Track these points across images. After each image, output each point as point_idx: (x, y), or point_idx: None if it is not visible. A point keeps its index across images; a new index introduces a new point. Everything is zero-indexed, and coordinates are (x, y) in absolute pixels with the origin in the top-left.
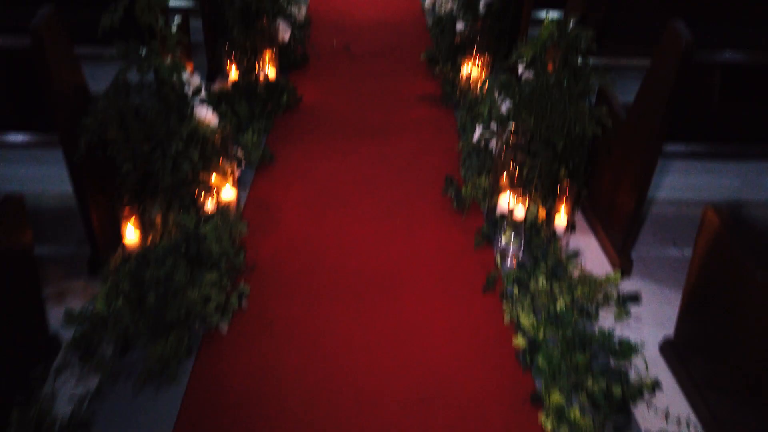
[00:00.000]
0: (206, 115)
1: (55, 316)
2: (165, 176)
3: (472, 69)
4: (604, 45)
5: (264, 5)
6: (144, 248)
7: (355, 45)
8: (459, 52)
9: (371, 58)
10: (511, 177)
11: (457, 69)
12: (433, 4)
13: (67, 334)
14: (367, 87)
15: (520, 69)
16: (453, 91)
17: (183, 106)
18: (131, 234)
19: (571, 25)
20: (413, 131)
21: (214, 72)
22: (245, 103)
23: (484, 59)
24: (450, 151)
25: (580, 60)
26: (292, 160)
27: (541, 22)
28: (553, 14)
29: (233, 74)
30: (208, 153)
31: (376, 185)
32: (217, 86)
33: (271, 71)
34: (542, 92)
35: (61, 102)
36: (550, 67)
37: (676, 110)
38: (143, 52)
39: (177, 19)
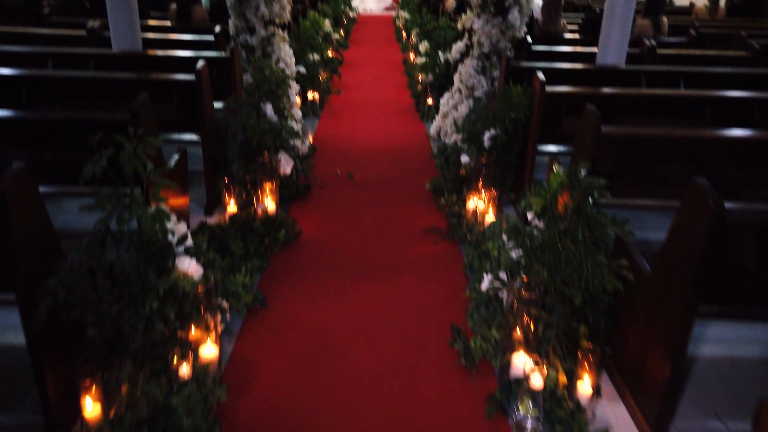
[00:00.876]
0: (189, 266)
1: None
2: (136, 339)
3: (478, 203)
4: (615, 186)
5: (266, 140)
6: (106, 422)
7: (360, 172)
8: (464, 184)
9: (375, 187)
10: (525, 334)
11: (463, 201)
12: (438, 131)
13: None
14: (370, 219)
15: (530, 216)
16: (459, 224)
17: (165, 256)
18: (91, 407)
19: (581, 173)
20: (417, 270)
21: (213, 204)
22: (240, 240)
23: (490, 193)
24: (456, 295)
25: (593, 209)
26: (285, 304)
27: (546, 154)
28: (558, 149)
29: (231, 207)
30: (187, 310)
31: (376, 335)
32: (214, 219)
33: (270, 204)
34: (555, 244)
35: (23, 263)
36: (560, 208)
37: (707, 269)
38: (126, 200)
39: (175, 156)
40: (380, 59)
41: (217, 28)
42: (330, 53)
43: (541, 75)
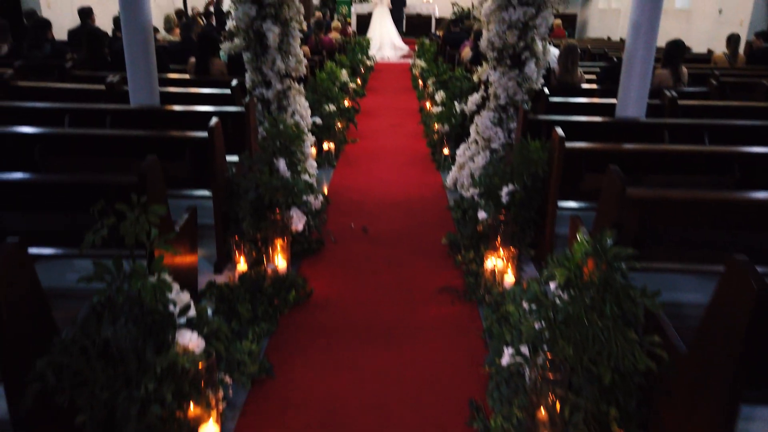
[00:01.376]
0: (190, 340)
1: None
2: (129, 424)
3: (496, 261)
4: (641, 250)
5: (278, 197)
6: None
7: (374, 225)
8: (482, 240)
9: (390, 242)
10: (550, 415)
11: (481, 258)
12: (455, 182)
13: None
14: (384, 276)
15: (552, 285)
16: (476, 284)
17: (164, 329)
18: None
19: (607, 242)
20: (433, 335)
21: (222, 261)
22: (249, 303)
23: (509, 251)
24: (475, 366)
25: (621, 280)
26: (293, 374)
27: (567, 210)
28: (579, 205)
29: (241, 265)
30: (186, 389)
31: (390, 412)
32: (223, 278)
33: (281, 262)
34: (581, 318)
35: (10, 345)
36: (585, 278)
37: (752, 352)
38: (126, 270)
39: (185, 216)
40: (396, 107)
41: (234, 82)
42: (347, 102)
43: (560, 131)
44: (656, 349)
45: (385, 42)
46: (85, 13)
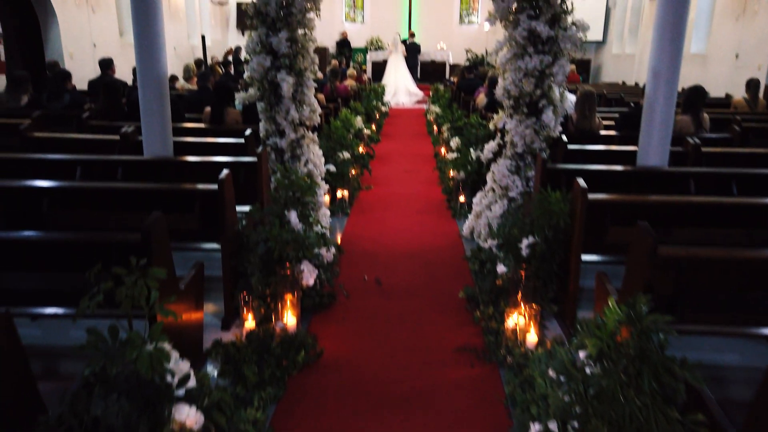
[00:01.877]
0: (188, 416)
1: None
2: None
3: (518, 319)
4: (674, 311)
5: (288, 250)
6: None
7: (388, 277)
8: (501, 295)
9: (404, 295)
10: None
11: (501, 315)
12: (471, 231)
13: None
14: (398, 333)
15: (581, 354)
16: (497, 342)
17: (161, 403)
18: None
19: (642, 309)
20: (450, 401)
21: (230, 318)
22: (255, 364)
23: (530, 309)
24: None
25: (659, 352)
26: None
27: (590, 263)
28: (603, 258)
29: (249, 322)
30: None
31: None
32: (231, 335)
33: (290, 319)
34: (616, 395)
35: None
36: (619, 339)
37: None
38: (122, 339)
39: (191, 272)
40: (411, 153)
41: (248, 131)
42: (361, 148)
43: (581, 181)
44: (700, 430)
45: (400, 88)
46: (106, 64)
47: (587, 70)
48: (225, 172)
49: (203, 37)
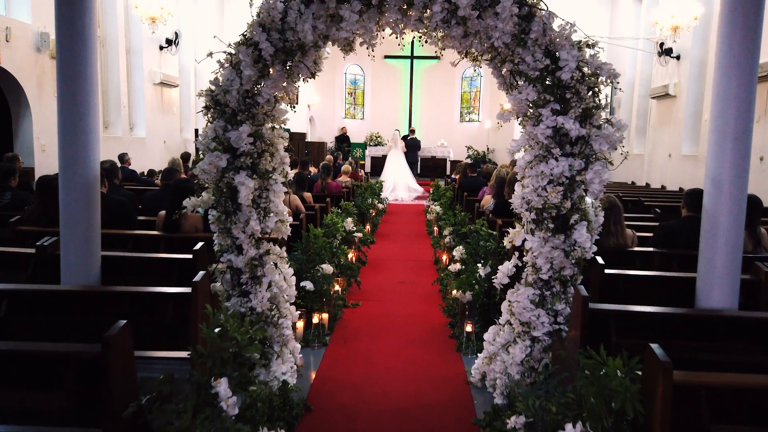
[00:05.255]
0: None
1: None
2: None
3: None
4: None
5: None
6: None
7: None
8: None
9: None
10: None
11: None
12: (482, 377)
13: None
14: None
15: None
16: None
17: None
18: None
19: None
20: None
21: None
22: None
23: None
24: None
25: None
26: None
27: None
28: None
29: None
30: None
31: None
32: None
33: None
34: None
35: None
36: None
37: None
38: None
39: None
40: (408, 258)
41: (198, 245)
42: (351, 254)
43: (659, 351)
44: None
45: (399, 184)
46: None
47: None
48: (119, 324)
49: (197, 131)
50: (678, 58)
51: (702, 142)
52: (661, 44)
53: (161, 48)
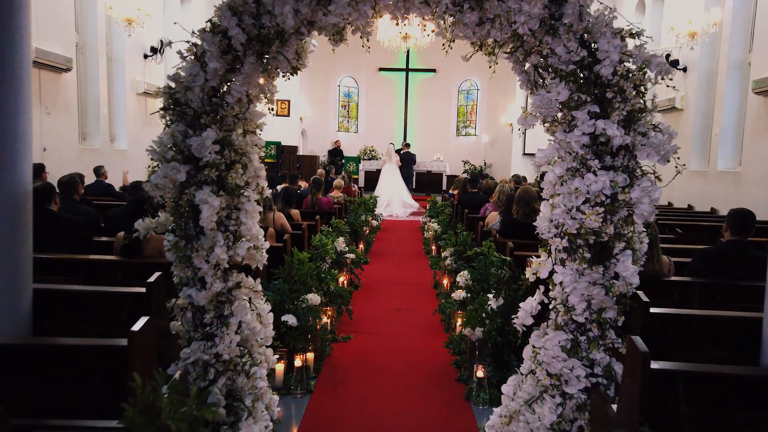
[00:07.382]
0: None
1: None
2: None
3: None
4: None
5: None
6: None
7: None
8: None
9: None
10: None
11: None
12: None
13: None
14: None
15: None
16: None
17: None
18: None
19: None
20: None
21: None
22: None
23: None
24: None
25: None
26: None
27: None
28: None
29: None
30: None
31: None
32: None
33: None
34: None
35: None
36: None
37: None
38: None
39: None
40: (405, 281)
41: (154, 276)
42: (342, 278)
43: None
44: None
45: (394, 199)
46: (36, 171)
47: None
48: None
49: None
50: (685, 70)
51: (712, 158)
52: (667, 56)
53: (146, 56)
